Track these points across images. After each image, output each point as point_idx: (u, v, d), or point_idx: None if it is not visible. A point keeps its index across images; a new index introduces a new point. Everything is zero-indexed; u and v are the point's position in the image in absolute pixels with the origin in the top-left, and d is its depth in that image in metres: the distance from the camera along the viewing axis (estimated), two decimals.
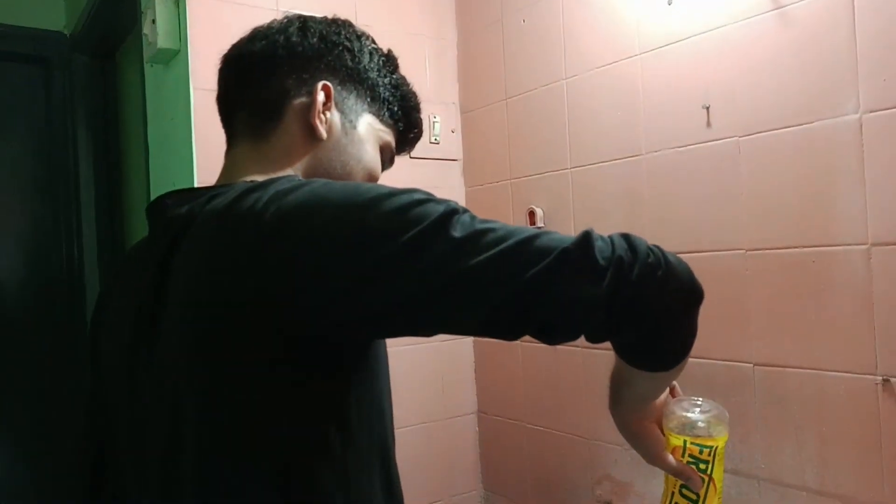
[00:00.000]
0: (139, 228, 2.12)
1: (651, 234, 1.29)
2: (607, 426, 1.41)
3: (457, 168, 1.76)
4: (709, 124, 1.19)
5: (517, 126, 1.60)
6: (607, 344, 0.62)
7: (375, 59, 0.79)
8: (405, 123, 0.82)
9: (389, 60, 0.81)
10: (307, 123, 0.72)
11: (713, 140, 1.19)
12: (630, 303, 0.55)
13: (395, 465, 0.72)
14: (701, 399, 0.79)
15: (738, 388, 1.15)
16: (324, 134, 0.73)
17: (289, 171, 0.71)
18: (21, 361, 2.34)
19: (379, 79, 0.78)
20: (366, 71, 0.77)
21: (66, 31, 2.41)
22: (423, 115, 0.85)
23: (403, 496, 0.73)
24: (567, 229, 1.47)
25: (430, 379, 1.70)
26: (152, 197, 1.62)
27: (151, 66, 1.54)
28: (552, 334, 0.57)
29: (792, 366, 1.09)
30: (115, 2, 1.87)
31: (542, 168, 1.53)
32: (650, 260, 0.56)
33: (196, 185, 1.39)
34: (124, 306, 0.71)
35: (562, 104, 1.47)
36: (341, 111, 0.75)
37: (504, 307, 0.55)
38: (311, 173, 0.73)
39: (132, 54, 2.09)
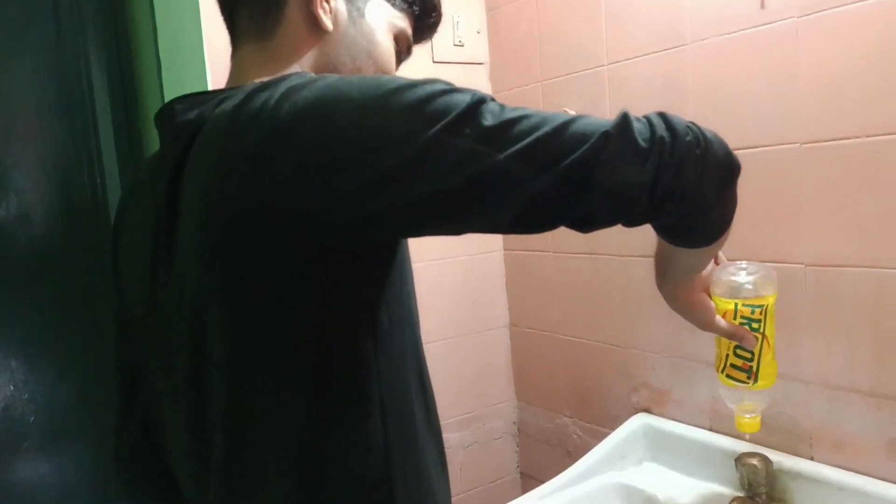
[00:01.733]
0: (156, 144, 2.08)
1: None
2: (644, 334, 1.40)
3: (483, 72, 1.66)
4: (762, 5, 1.09)
5: (549, 20, 1.49)
6: (641, 249, 0.58)
7: None
8: (421, 6, 0.75)
9: None
10: (310, 15, 0.67)
11: (767, 23, 1.08)
12: (672, 184, 0.53)
13: (428, 372, 0.70)
14: (746, 262, 0.81)
15: (787, 290, 1.09)
16: (329, 25, 0.68)
17: (296, 69, 0.67)
18: (51, 287, 2.36)
19: None
20: None
21: None
22: (446, 14, 0.80)
23: (437, 405, 0.72)
24: None
25: (460, 293, 1.67)
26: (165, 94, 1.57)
27: None
28: (591, 223, 0.55)
29: (847, 264, 1.03)
30: None
31: (575, 67, 1.43)
32: (689, 138, 0.54)
33: (210, 87, 1.32)
34: (141, 219, 0.68)
35: None
36: None
37: (542, 198, 0.52)
38: (319, 70, 0.68)
39: None
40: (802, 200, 1.07)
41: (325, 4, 0.68)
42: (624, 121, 0.53)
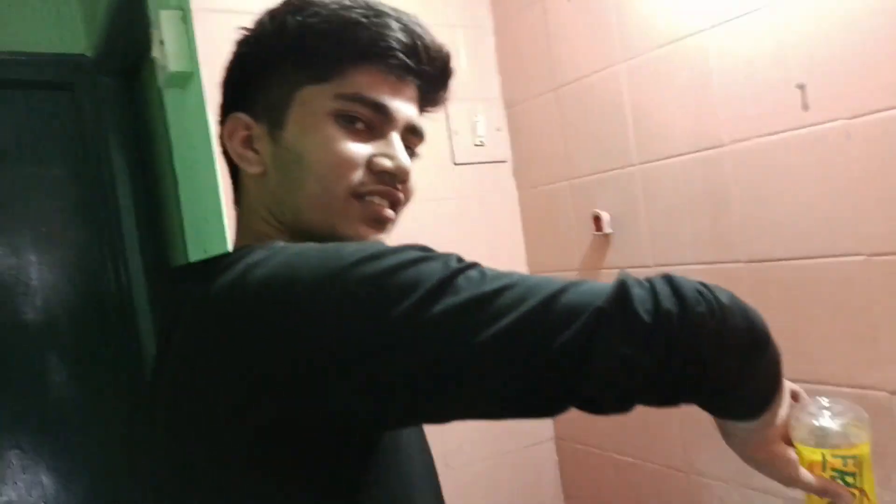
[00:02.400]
0: (181, 251, 2.04)
1: (743, 238, 1.11)
2: (708, 458, 1.24)
3: (506, 170, 1.59)
4: (805, 106, 0.99)
5: (571, 119, 1.41)
6: None
7: (277, 22, 0.61)
8: (357, 49, 0.59)
9: (294, 5, 0.61)
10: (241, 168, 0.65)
11: (812, 125, 0.99)
12: (684, 367, 0.47)
13: None
14: (829, 399, 0.68)
15: (871, 421, 0.97)
16: (253, 170, 0.62)
17: (263, 228, 0.63)
18: (77, 390, 2.32)
19: (284, 36, 0.60)
20: (269, 47, 0.61)
21: (88, 54, 2.33)
22: (464, 113, 0.69)
23: None
24: (639, 235, 1.29)
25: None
26: (185, 226, 1.53)
27: (167, 90, 1.43)
28: (598, 409, 0.49)
29: None
30: (129, 20, 1.77)
31: (604, 165, 1.35)
32: (701, 308, 0.47)
33: (226, 217, 1.27)
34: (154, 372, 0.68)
35: (621, 90, 1.28)
36: (269, 122, 0.62)
37: (533, 385, 0.46)
38: (276, 213, 0.62)
39: (154, 74, 2.00)
40: (877, 320, 0.95)
41: (244, 153, 0.63)
42: (621, 291, 0.46)
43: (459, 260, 0.50)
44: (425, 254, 0.50)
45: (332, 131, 0.59)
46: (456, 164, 1.52)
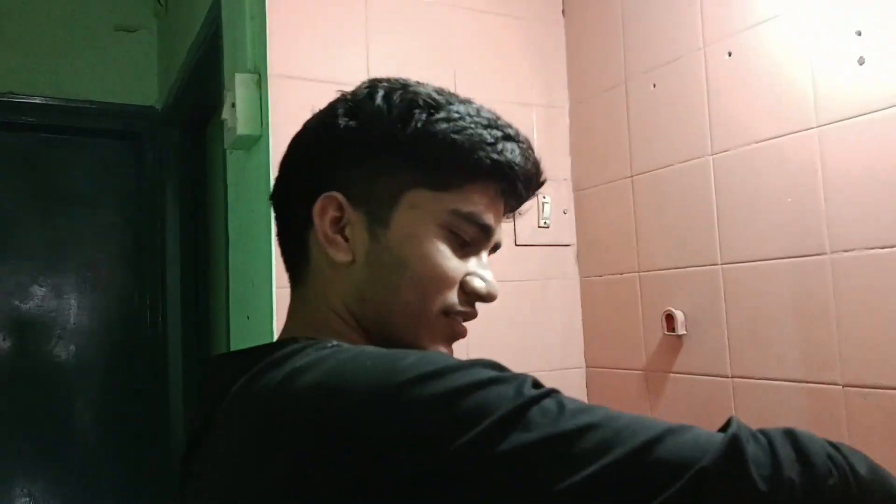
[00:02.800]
0: (221, 313, 2.00)
1: (843, 357, 0.99)
2: None
3: (570, 255, 1.51)
4: None
5: (646, 208, 1.33)
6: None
7: (396, 111, 0.56)
8: (481, 169, 0.56)
9: (422, 101, 0.56)
10: (324, 252, 0.58)
11: None
12: None
13: None
14: None
15: None
16: (342, 258, 0.57)
17: (330, 318, 0.58)
18: (100, 437, 2.27)
19: (407, 132, 0.55)
20: (384, 140, 0.56)
21: (157, 106, 2.38)
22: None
23: None
24: (718, 340, 1.18)
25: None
26: (231, 289, 1.48)
27: (232, 151, 1.41)
28: None
29: None
30: (203, 77, 1.79)
31: (681, 261, 1.26)
32: (832, 482, 0.39)
33: (274, 288, 1.21)
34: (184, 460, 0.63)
35: (708, 185, 1.20)
36: (366, 212, 0.57)
37: None
38: (354, 308, 0.57)
39: (221, 128, 2.01)
40: None
41: (334, 238, 0.57)
42: (734, 448, 0.39)
43: (535, 384, 0.43)
44: (495, 374, 0.43)
45: (440, 245, 0.56)
46: (517, 244, 1.45)
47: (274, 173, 1.25)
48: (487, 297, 0.59)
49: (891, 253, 0.94)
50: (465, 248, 0.58)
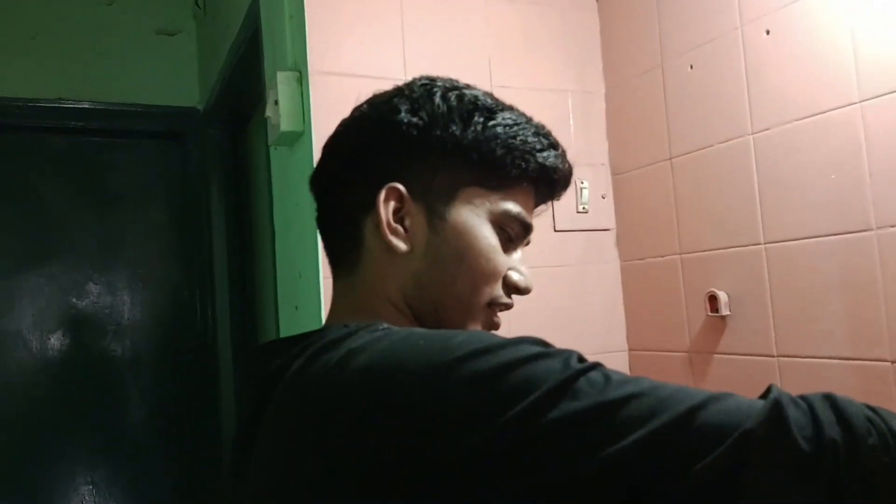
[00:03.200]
0: (269, 305, 2.06)
1: (893, 334, 0.98)
2: None
3: (609, 239, 1.51)
4: None
5: (686, 190, 1.33)
6: None
7: (457, 116, 0.60)
8: (527, 173, 0.61)
9: (478, 107, 0.61)
10: (385, 240, 0.60)
11: None
12: None
13: None
14: None
15: None
16: (403, 247, 0.59)
17: (384, 304, 0.60)
18: (154, 430, 2.35)
19: (468, 137, 0.60)
20: (444, 139, 0.60)
21: (199, 107, 2.44)
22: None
23: None
24: (764, 321, 1.18)
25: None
26: (278, 281, 1.53)
27: (276, 148, 1.45)
28: None
29: None
30: (243, 75, 1.84)
31: (723, 242, 1.25)
32: (872, 440, 0.41)
33: (321, 278, 1.25)
34: (232, 453, 0.65)
35: (749, 164, 1.19)
36: (425, 205, 0.60)
37: None
38: (410, 296, 0.60)
39: (262, 126, 2.06)
40: None
41: (396, 227, 0.59)
42: (776, 411, 0.40)
43: (580, 359, 0.45)
44: (542, 349, 0.45)
45: (493, 241, 0.60)
46: (556, 230, 1.46)
47: None
48: (525, 290, 0.63)
49: None
50: (508, 244, 0.62)
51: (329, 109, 1.27)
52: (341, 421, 0.46)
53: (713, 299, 1.25)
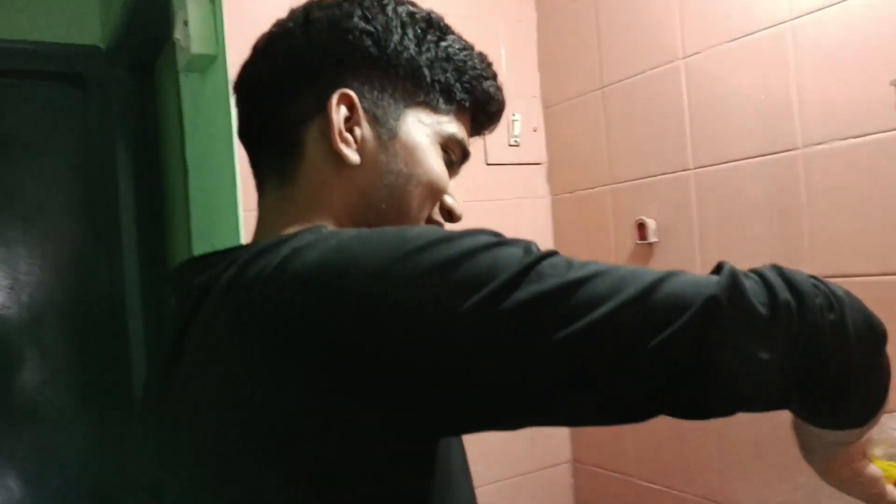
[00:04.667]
0: (184, 246, 1.95)
1: (814, 253, 1.01)
2: (749, 487, 1.15)
3: (541, 173, 1.50)
4: None
5: (617, 120, 1.32)
6: None
7: (411, 32, 0.59)
8: (473, 100, 0.62)
9: (432, 26, 0.61)
10: (332, 152, 0.57)
11: None
12: (806, 364, 0.45)
13: None
14: None
15: None
16: (355, 158, 0.57)
17: (326, 218, 0.57)
18: (56, 390, 2.22)
19: (421, 56, 0.59)
20: (399, 53, 0.59)
21: (101, 45, 2.25)
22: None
23: None
24: (691, 245, 1.19)
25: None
26: (192, 220, 1.43)
27: (187, 74, 1.34)
28: (699, 412, 0.46)
29: None
30: (148, 9, 1.69)
31: (652, 170, 1.26)
32: (819, 301, 0.45)
33: (241, 211, 1.17)
34: (151, 380, 0.61)
35: (679, 90, 1.19)
36: (375, 119, 0.58)
37: (631, 385, 0.42)
38: (355, 211, 0.58)
39: (169, 64, 1.92)
40: None
41: (346, 136, 0.56)
42: (733, 280, 0.43)
43: (538, 248, 0.45)
44: (501, 238, 0.45)
45: (440, 161, 0.60)
46: (488, 164, 1.43)
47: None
48: (458, 217, 0.63)
49: (862, 142, 0.95)
50: (448, 169, 0.62)
51: (245, 30, 1.16)
52: (290, 321, 0.43)
53: (642, 227, 1.26)
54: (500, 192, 1.44)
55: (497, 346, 0.41)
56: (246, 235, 1.17)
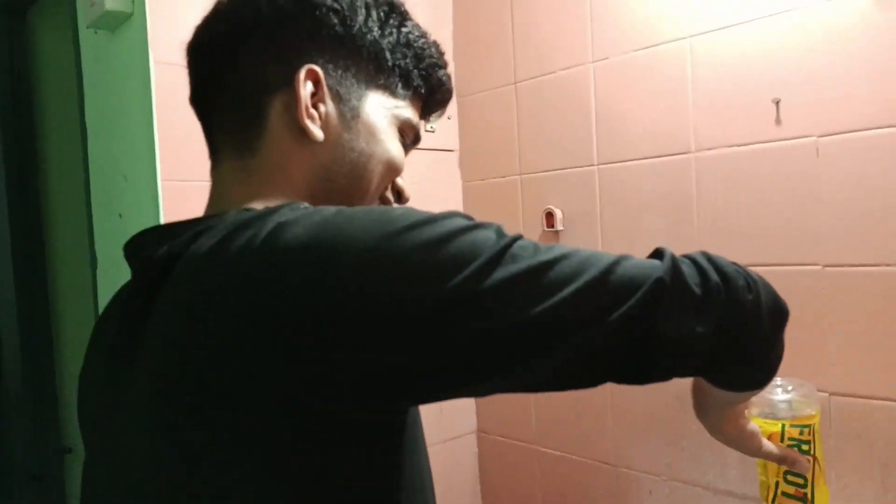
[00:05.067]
0: (63, 229, 1.80)
1: (702, 243, 1.15)
2: (640, 452, 1.29)
3: (452, 160, 1.56)
4: (778, 121, 1.05)
5: (529, 114, 1.41)
6: None
7: (374, 14, 0.61)
8: (427, 87, 0.64)
9: (394, 10, 0.62)
10: (296, 125, 0.57)
11: (784, 139, 1.05)
12: (732, 335, 0.51)
13: None
14: (780, 379, 0.78)
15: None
16: (319, 135, 0.57)
17: (287, 192, 0.58)
18: None
19: (383, 40, 0.61)
20: (363, 35, 0.60)
21: None
22: None
23: None
24: (593, 234, 1.31)
25: None
26: (92, 195, 1.35)
27: (95, 31, 1.25)
28: (642, 378, 0.51)
29: (877, 397, 0.98)
30: None
31: (561, 163, 1.36)
32: (741, 283, 0.52)
33: (159, 180, 1.13)
34: (97, 366, 0.59)
35: (587, 92, 1.29)
36: (338, 97, 0.59)
37: (590, 356, 0.48)
38: (316, 186, 0.59)
39: (52, 14, 1.75)
40: (828, 326, 1.02)
41: (312, 112, 0.57)
42: (674, 265, 0.49)
43: (504, 230, 0.49)
44: (475, 221, 0.48)
45: (397, 143, 0.62)
46: None
47: (153, 54, 1.15)
48: (405, 198, 0.66)
49: (746, 150, 1.09)
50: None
51: None
52: (282, 296, 0.43)
53: (550, 216, 1.36)
54: (414, 177, 1.47)
55: (480, 320, 0.44)
56: (166, 204, 1.13)
